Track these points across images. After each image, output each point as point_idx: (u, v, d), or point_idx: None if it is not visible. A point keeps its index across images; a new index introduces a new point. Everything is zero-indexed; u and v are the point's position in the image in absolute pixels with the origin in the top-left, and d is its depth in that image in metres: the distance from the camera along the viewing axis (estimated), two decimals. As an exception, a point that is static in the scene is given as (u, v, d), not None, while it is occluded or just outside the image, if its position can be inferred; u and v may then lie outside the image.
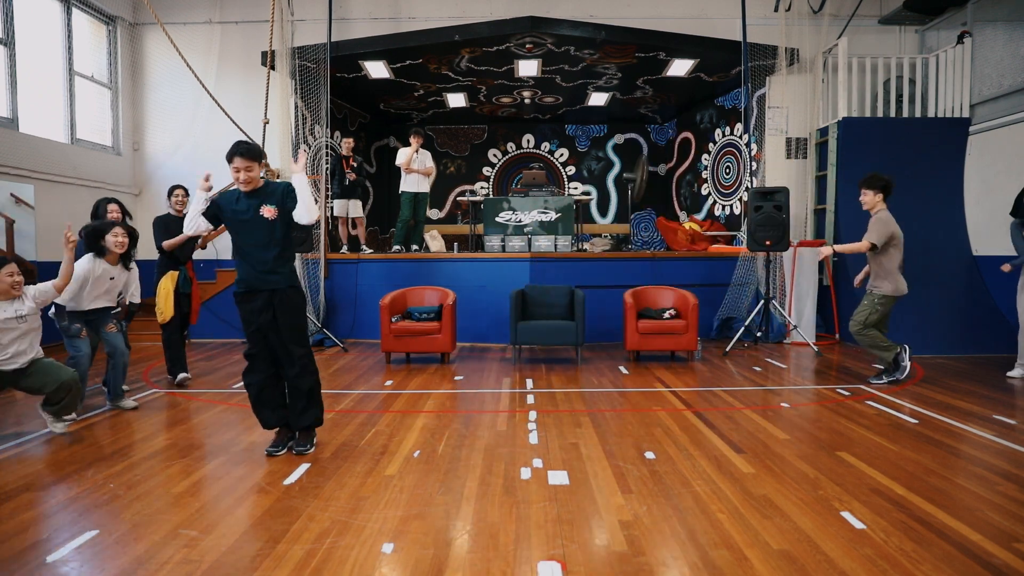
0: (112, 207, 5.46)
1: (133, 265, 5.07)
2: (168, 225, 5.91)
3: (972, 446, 4.00)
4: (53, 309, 4.73)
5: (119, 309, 5.16)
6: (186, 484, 3.40)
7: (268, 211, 3.73)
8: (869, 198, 5.73)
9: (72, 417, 4.37)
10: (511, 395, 5.43)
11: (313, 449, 3.94)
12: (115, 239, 4.75)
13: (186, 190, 6.09)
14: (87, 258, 4.73)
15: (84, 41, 8.91)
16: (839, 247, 5.78)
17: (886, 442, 4.05)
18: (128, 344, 5.64)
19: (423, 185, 9.26)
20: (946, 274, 7.66)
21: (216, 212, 3.85)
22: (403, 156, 9.12)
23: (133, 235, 4.96)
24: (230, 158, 3.70)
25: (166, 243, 5.85)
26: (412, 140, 9.11)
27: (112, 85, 9.38)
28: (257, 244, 3.76)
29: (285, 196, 3.77)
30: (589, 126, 12.99)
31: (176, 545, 2.69)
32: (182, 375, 6.09)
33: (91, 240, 4.76)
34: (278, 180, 3.85)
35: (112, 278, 4.83)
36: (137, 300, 5.25)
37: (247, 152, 3.70)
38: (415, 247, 9.43)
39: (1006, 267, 6.07)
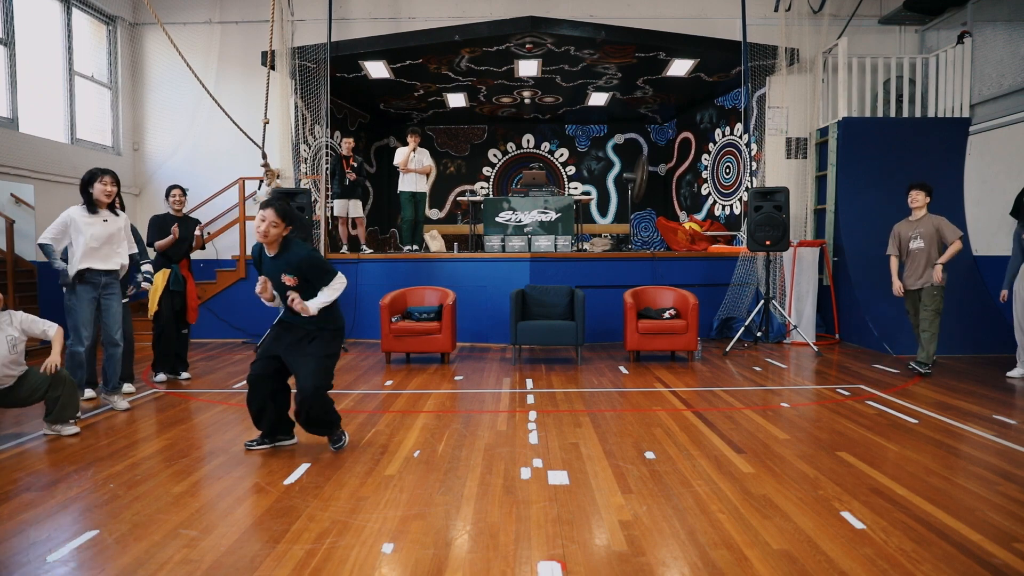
0: (105, 179, 5.42)
1: (123, 212, 5.00)
2: (163, 224, 5.94)
3: (972, 446, 4.00)
4: (65, 276, 4.74)
5: (126, 297, 5.15)
6: (186, 484, 3.40)
7: (288, 280, 3.76)
8: (922, 198, 6.20)
9: (77, 418, 4.37)
10: (511, 395, 5.43)
11: (342, 443, 3.97)
12: (103, 187, 4.77)
13: (183, 190, 6.13)
14: (74, 207, 4.74)
15: (84, 41, 8.91)
16: (944, 260, 6.13)
17: (886, 442, 4.05)
18: (133, 340, 5.66)
19: (420, 184, 9.26)
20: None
21: (257, 259, 3.94)
22: (400, 155, 9.12)
23: (118, 183, 4.96)
24: (264, 206, 3.74)
25: (157, 243, 5.89)
26: (409, 139, 9.11)
27: (112, 85, 9.38)
28: (286, 297, 3.83)
29: (306, 270, 3.78)
30: (589, 126, 12.99)
31: (176, 545, 2.69)
32: (184, 374, 6.17)
33: (81, 190, 4.78)
34: (294, 241, 3.86)
35: (106, 220, 4.83)
36: (133, 251, 5.12)
37: (280, 210, 3.73)
38: (415, 247, 9.43)
39: (1004, 294, 6.15)
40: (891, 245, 6.41)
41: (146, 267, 5.58)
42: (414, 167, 9.14)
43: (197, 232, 6.24)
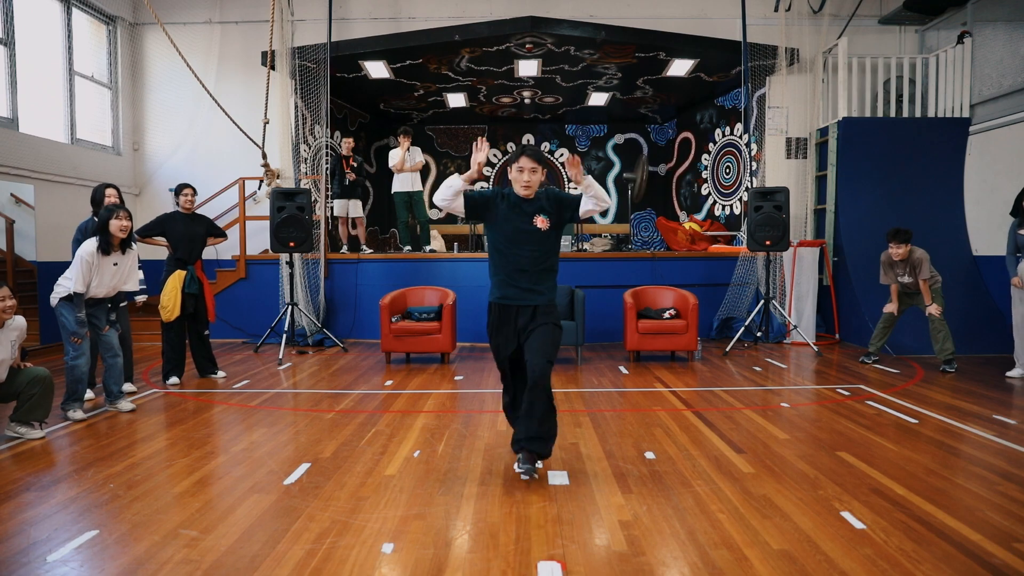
0: (110, 191, 5.42)
1: (133, 247, 4.94)
2: (168, 223, 5.90)
3: (972, 446, 4.00)
4: (57, 300, 4.69)
5: (115, 314, 5.11)
6: (186, 484, 3.40)
7: (542, 222, 3.49)
8: (904, 249, 6.29)
9: (41, 434, 4.28)
10: (511, 395, 5.43)
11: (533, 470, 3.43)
12: (119, 223, 4.68)
13: (194, 189, 6.11)
14: (91, 243, 4.65)
15: (84, 41, 8.91)
16: (928, 301, 6.39)
17: (886, 442, 4.05)
18: (130, 341, 5.64)
19: (416, 184, 9.25)
20: (946, 274, 7.64)
21: (478, 206, 3.55)
22: (395, 157, 9.08)
23: (131, 216, 4.92)
24: (515, 158, 3.44)
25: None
26: (401, 140, 9.08)
27: (112, 85, 9.38)
28: (526, 257, 3.54)
29: (561, 205, 3.52)
30: (589, 126, 12.99)
31: (176, 545, 2.69)
32: (220, 372, 6.26)
33: (98, 233, 4.71)
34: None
35: (116, 264, 4.78)
36: (134, 288, 5.06)
37: (535, 154, 3.44)
38: (427, 247, 9.40)
39: (1015, 280, 6.08)
40: (885, 276, 6.55)
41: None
42: (410, 167, 9.15)
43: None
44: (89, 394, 5.24)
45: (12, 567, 2.52)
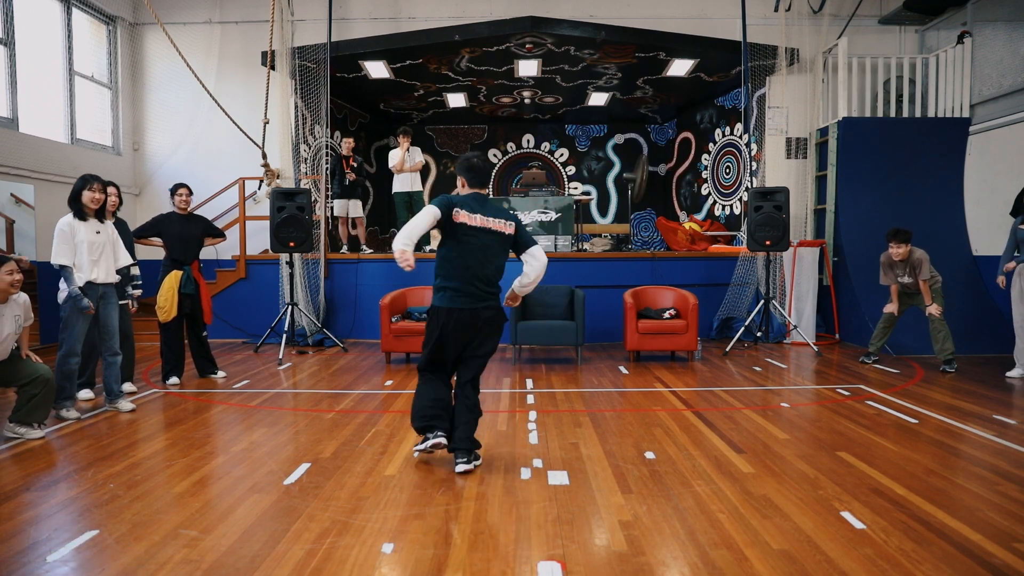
0: (111, 189, 5.41)
1: (108, 220, 4.93)
2: (163, 224, 5.88)
3: (972, 446, 4.00)
4: (64, 293, 4.69)
5: (127, 301, 5.14)
6: (186, 484, 3.40)
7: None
8: (904, 248, 6.29)
9: (41, 434, 4.24)
10: (511, 395, 5.43)
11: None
12: (91, 195, 4.69)
13: (190, 189, 6.08)
14: (64, 218, 4.68)
15: (84, 41, 8.90)
16: (928, 301, 6.40)
17: (886, 442, 4.05)
18: (132, 341, 5.62)
19: (416, 184, 9.25)
20: (946, 274, 7.65)
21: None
22: (395, 158, 9.09)
23: (107, 190, 4.91)
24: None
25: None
26: (401, 140, 9.09)
27: (112, 85, 9.38)
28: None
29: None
30: (589, 126, 12.99)
31: (176, 545, 2.69)
32: (220, 372, 6.25)
33: (71, 202, 4.72)
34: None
35: (98, 232, 4.78)
36: (130, 261, 5.10)
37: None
38: (427, 247, 9.39)
39: (1000, 280, 6.17)
40: (885, 276, 6.55)
41: (134, 270, 5.50)
42: (410, 167, 9.15)
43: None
44: (89, 394, 5.24)
45: (12, 567, 2.52)
